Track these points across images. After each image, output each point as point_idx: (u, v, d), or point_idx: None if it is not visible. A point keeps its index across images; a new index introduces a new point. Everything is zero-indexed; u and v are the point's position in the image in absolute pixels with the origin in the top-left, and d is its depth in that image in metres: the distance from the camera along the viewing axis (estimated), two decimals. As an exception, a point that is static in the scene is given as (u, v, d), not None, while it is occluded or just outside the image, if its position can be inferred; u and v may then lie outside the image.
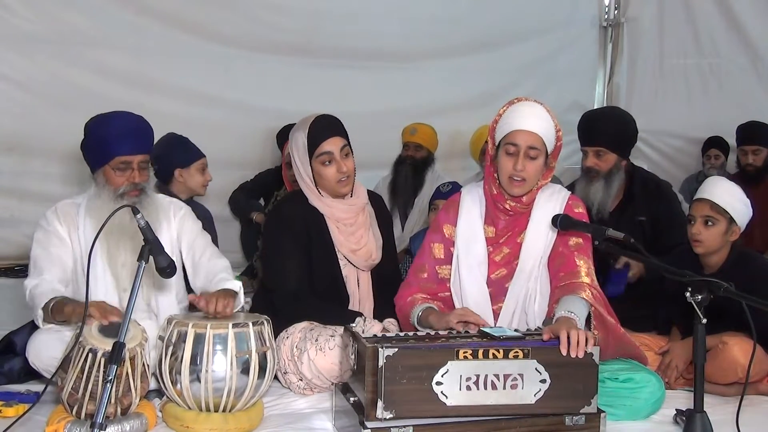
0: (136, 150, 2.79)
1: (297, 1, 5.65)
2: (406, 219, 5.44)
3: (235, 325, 2.47)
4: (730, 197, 3.04)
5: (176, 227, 2.97)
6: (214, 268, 2.86)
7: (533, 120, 2.73)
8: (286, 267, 2.99)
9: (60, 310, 2.52)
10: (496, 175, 2.84)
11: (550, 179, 2.88)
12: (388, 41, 5.92)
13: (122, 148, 2.76)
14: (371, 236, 3.15)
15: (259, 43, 5.55)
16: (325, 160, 2.97)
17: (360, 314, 2.95)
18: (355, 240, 3.10)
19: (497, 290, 2.86)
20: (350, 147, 3.04)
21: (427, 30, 6.01)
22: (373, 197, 3.28)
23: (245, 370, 2.47)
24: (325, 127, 3.00)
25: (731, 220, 3.03)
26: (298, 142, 3.02)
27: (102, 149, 2.77)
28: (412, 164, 5.47)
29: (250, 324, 2.51)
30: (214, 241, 3.47)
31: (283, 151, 4.50)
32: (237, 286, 2.74)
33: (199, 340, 2.44)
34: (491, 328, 2.56)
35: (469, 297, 2.85)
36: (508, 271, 2.86)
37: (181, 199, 3.69)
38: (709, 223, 3.03)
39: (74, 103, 4.79)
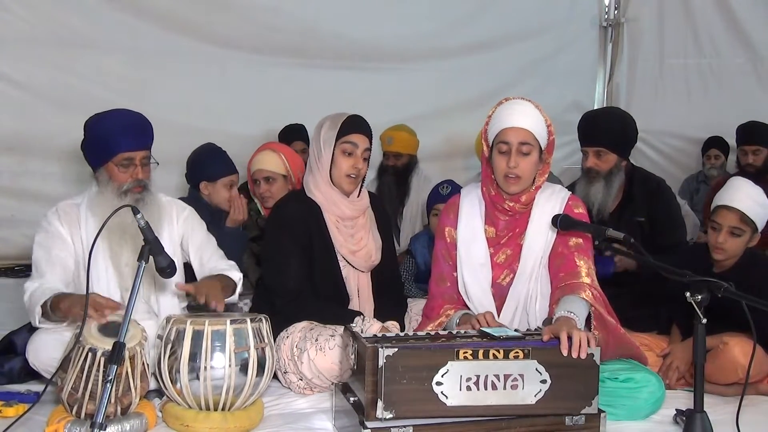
0: (138, 146, 2.79)
1: (294, 2, 5.64)
2: (399, 231, 5.28)
3: (233, 322, 2.48)
4: (757, 206, 3.01)
5: (180, 228, 2.97)
6: (218, 267, 2.92)
7: (522, 116, 2.75)
8: (286, 267, 2.99)
9: (57, 306, 2.52)
10: (492, 176, 2.84)
11: (547, 175, 2.87)
12: (386, 42, 5.91)
13: (125, 144, 2.76)
14: (371, 238, 3.16)
15: (257, 45, 5.55)
16: (348, 149, 3.01)
17: (359, 313, 2.95)
18: (354, 241, 3.10)
19: (502, 294, 2.86)
20: (369, 155, 3.09)
21: (426, 30, 6.00)
22: (374, 199, 3.29)
23: (244, 367, 2.47)
24: (361, 123, 3.08)
25: (755, 230, 3.02)
26: (328, 124, 3.06)
27: (104, 146, 2.77)
28: (394, 174, 5.36)
29: (248, 320, 2.51)
30: (239, 257, 3.45)
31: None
32: (237, 277, 2.86)
33: (197, 337, 2.44)
34: (491, 327, 2.56)
35: (473, 298, 2.86)
36: (512, 274, 2.86)
37: (210, 209, 3.65)
38: (736, 233, 3.01)
39: (74, 104, 4.80)
